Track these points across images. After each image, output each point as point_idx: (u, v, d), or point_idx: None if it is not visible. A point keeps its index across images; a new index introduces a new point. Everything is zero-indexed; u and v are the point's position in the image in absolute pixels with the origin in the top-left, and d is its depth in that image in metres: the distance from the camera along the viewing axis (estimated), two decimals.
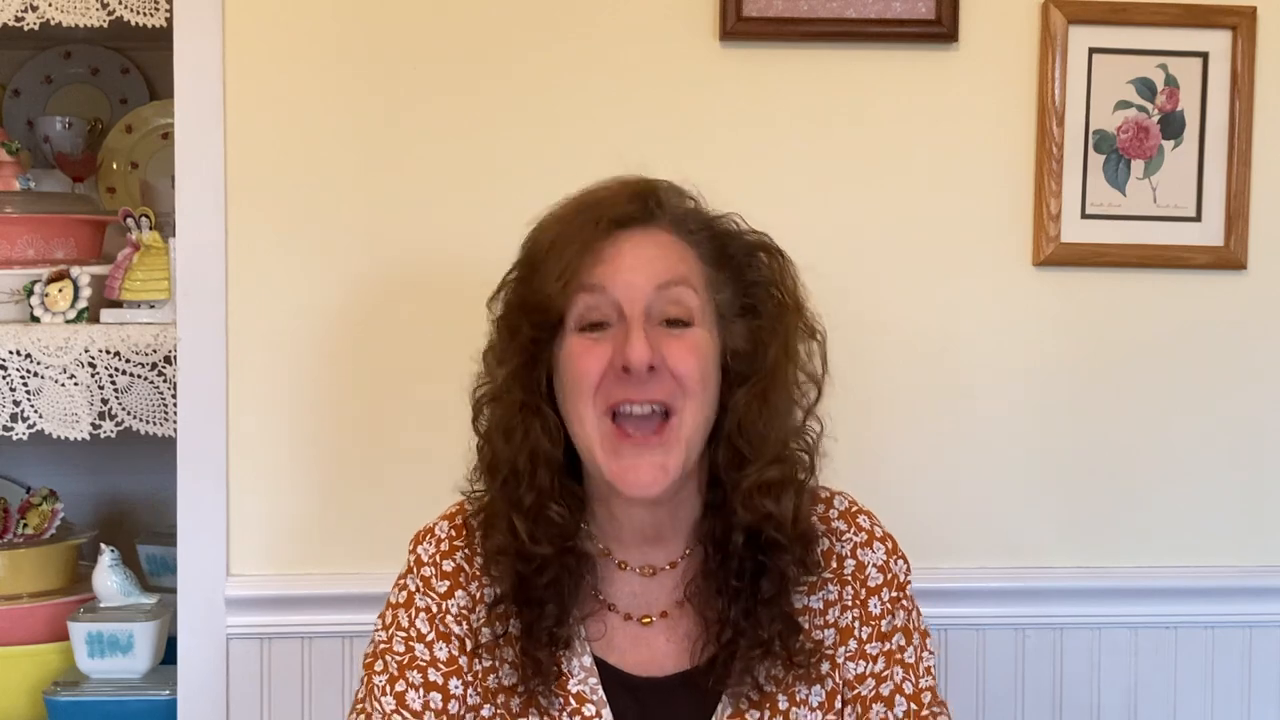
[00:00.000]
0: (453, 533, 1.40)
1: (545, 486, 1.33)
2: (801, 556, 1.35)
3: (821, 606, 1.38)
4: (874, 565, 1.40)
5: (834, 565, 1.39)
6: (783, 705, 1.34)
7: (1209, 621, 1.88)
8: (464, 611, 1.37)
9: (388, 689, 1.35)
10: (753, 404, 1.33)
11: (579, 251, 1.29)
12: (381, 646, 1.38)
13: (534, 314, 1.31)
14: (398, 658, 1.36)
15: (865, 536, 1.41)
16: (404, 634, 1.37)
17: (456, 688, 1.35)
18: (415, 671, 1.35)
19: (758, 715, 1.34)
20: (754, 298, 1.36)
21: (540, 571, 1.33)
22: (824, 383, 1.39)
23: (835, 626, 1.38)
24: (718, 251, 1.35)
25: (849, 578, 1.39)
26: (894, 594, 1.40)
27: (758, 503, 1.33)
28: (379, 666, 1.37)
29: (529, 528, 1.32)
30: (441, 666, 1.35)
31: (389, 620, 1.39)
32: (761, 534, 1.34)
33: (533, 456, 1.33)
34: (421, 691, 1.34)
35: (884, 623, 1.39)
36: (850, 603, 1.38)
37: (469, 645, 1.36)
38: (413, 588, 1.39)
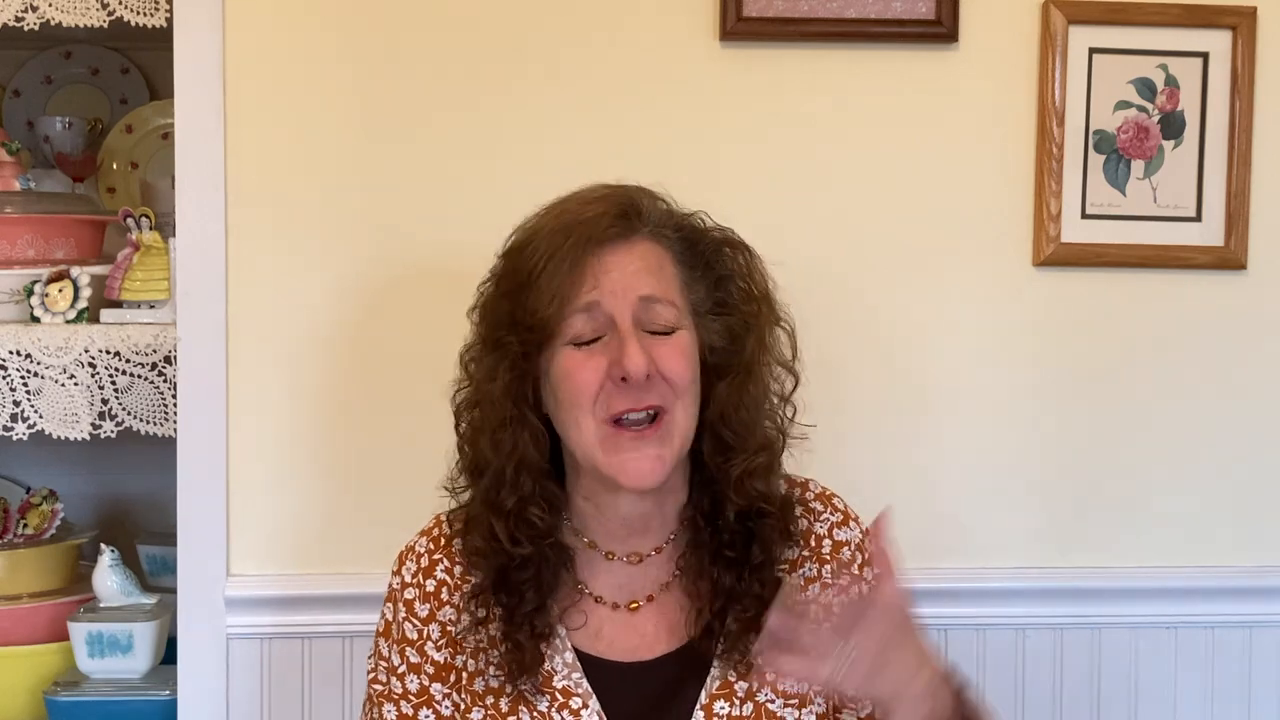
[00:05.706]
0: (431, 546, 1.45)
1: (526, 491, 1.38)
2: (785, 523, 1.42)
3: (802, 583, 1.43)
4: (853, 544, 1.46)
5: (813, 544, 1.45)
6: (769, 675, 1.37)
7: (1209, 621, 1.88)
8: (448, 628, 1.41)
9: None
10: (734, 395, 1.40)
11: (570, 273, 1.34)
12: (369, 675, 1.45)
13: (525, 332, 1.36)
14: (379, 688, 1.43)
15: (840, 516, 1.48)
16: (385, 664, 1.44)
17: (427, 717, 1.40)
18: (390, 704, 1.42)
19: (746, 686, 1.38)
20: (725, 291, 1.42)
21: (522, 567, 1.38)
22: (798, 370, 1.44)
23: (816, 602, 1.41)
24: (689, 250, 1.41)
25: (827, 556, 1.45)
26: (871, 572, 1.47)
27: (749, 487, 1.40)
28: (369, 694, 1.44)
29: (509, 530, 1.38)
30: (413, 699, 1.42)
31: (374, 649, 1.46)
32: (751, 507, 1.40)
33: (519, 465, 1.38)
34: None
35: None
36: (830, 580, 1.44)
37: (453, 659, 1.40)
38: (390, 616, 1.45)
